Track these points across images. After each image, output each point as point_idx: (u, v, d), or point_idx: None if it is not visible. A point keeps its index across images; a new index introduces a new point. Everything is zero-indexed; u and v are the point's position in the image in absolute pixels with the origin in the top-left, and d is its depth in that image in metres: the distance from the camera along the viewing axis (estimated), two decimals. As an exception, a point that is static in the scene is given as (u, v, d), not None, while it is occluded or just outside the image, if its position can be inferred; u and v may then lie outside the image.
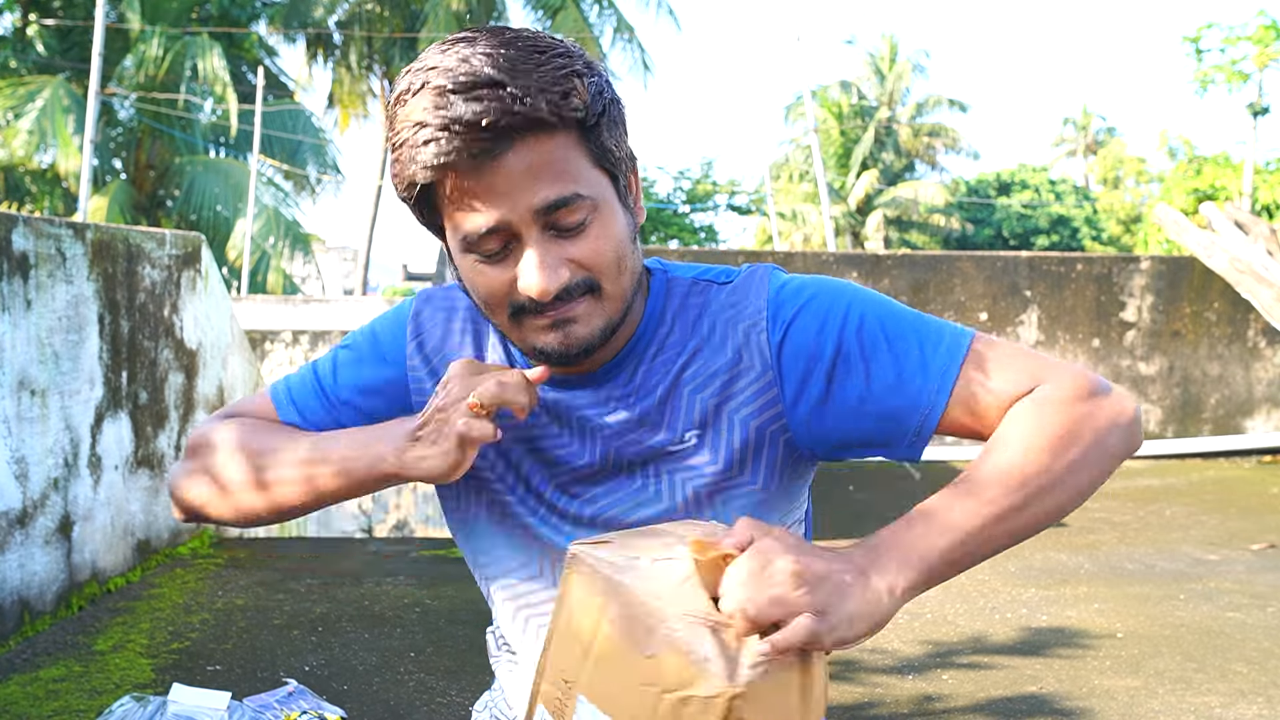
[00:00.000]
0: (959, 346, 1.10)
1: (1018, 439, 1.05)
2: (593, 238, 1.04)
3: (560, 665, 0.99)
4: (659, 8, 26.83)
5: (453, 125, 0.97)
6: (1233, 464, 8.25)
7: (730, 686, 0.90)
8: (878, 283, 8.45)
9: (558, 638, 0.99)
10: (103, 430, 4.37)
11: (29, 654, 3.63)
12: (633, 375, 1.15)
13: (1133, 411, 1.09)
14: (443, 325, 1.22)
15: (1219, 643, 3.88)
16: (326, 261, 37.62)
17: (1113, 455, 1.07)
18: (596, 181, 1.05)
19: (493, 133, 0.97)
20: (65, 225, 4.08)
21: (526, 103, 0.97)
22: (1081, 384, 1.08)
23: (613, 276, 1.07)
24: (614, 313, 1.09)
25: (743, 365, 1.12)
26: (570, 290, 1.05)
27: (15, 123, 20.64)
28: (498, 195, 1.00)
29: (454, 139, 0.98)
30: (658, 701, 0.92)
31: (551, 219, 1.02)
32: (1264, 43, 19.20)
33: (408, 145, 1.01)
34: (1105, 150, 43.58)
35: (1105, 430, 1.06)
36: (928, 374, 1.09)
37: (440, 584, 4.56)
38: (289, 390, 1.25)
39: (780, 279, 1.16)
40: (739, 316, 1.14)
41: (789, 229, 34.31)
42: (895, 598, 0.97)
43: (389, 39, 27.33)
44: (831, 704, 3.27)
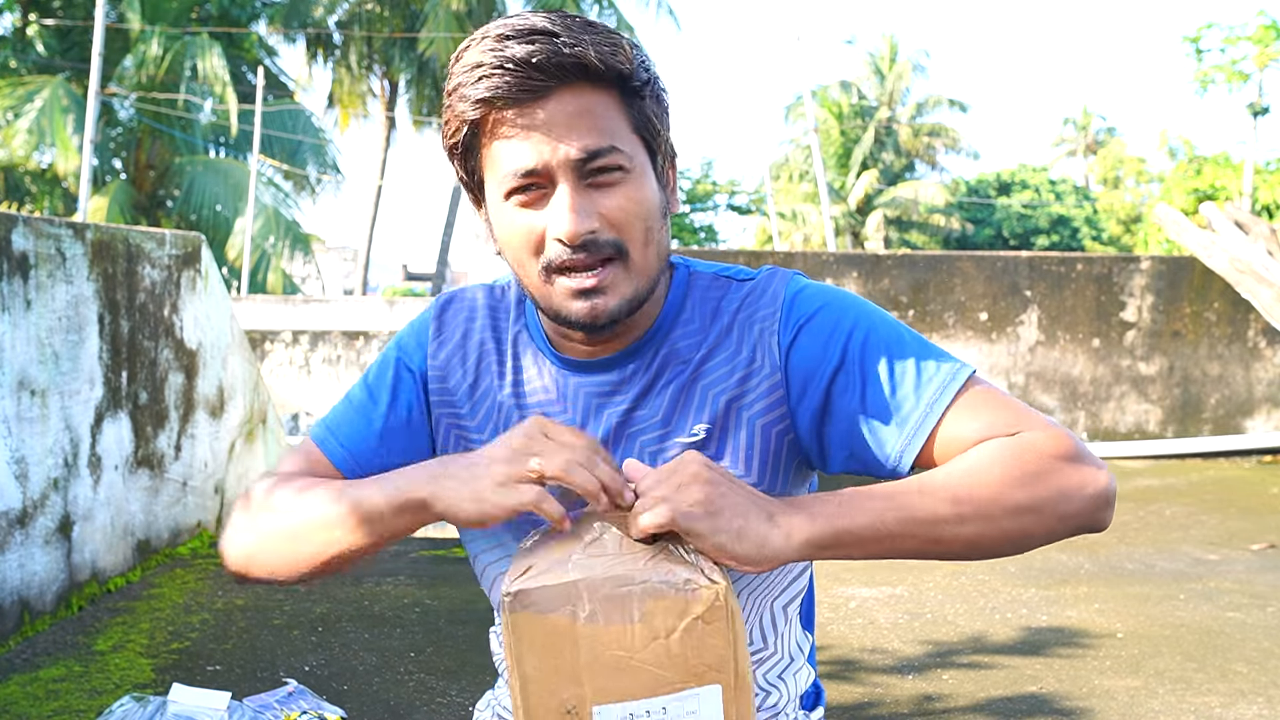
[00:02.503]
0: (954, 381, 1.11)
1: (978, 462, 1.06)
2: (624, 196, 1.08)
3: (550, 707, 0.99)
4: (659, 8, 26.82)
5: (507, 64, 1.04)
6: (1233, 464, 8.25)
7: (715, 587, 0.98)
8: (878, 283, 8.45)
9: (534, 686, 0.99)
10: (103, 430, 4.37)
11: (29, 654, 3.63)
12: (650, 363, 1.16)
13: (1104, 485, 1.07)
14: (464, 325, 1.24)
15: (1219, 643, 3.88)
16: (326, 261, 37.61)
17: (1065, 517, 1.06)
18: (634, 146, 1.09)
19: (543, 72, 1.04)
20: (65, 225, 4.08)
21: (577, 50, 1.04)
22: (1063, 444, 1.07)
23: (640, 244, 1.10)
24: (640, 286, 1.11)
25: (755, 365, 1.14)
26: (599, 245, 1.08)
27: (15, 123, 20.64)
28: (540, 136, 1.06)
29: (506, 74, 1.04)
30: (668, 648, 0.97)
31: (587, 168, 1.07)
32: (1264, 43, 19.20)
33: (462, 86, 1.07)
34: (1105, 150, 43.58)
35: (1067, 491, 1.05)
36: (920, 399, 1.10)
37: (440, 584, 4.56)
38: (326, 425, 1.25)
39: (799, 284, 1.18)
40: (755, 316, 1.16)
41: (789, 229, 34.32)
42: (792, 542, 1.02)
43: (389, 39, 27.33)
44: (831, 704, 3.27)
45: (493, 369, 1.21)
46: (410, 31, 26.90)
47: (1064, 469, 1.06)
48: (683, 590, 0.97)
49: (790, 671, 1.25)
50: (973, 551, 1.06)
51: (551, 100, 1.05)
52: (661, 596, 0.97)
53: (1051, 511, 1.05)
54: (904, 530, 1.03)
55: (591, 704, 0.98)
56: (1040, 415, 1.11)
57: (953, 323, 8.50)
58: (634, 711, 0.98)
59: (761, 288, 1.18)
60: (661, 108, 1.12)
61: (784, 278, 1.18)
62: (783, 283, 1.18)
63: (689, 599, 0.97)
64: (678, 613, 0.97)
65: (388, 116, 29.18)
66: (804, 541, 1.02)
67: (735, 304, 1.17)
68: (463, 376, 1.22)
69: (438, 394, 1.22)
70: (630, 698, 0.98)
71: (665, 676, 0.98)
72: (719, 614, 0.98)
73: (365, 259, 30.06)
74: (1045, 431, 1.08)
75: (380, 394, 1.23)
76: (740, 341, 1.15)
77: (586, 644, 0.98)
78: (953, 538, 1.04)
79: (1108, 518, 1.09)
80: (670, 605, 0.97)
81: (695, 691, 0.98)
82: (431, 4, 25.49)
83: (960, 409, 1.10)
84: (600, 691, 0.98)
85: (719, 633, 0.97)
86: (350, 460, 1.21)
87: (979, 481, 1.04)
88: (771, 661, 1.22)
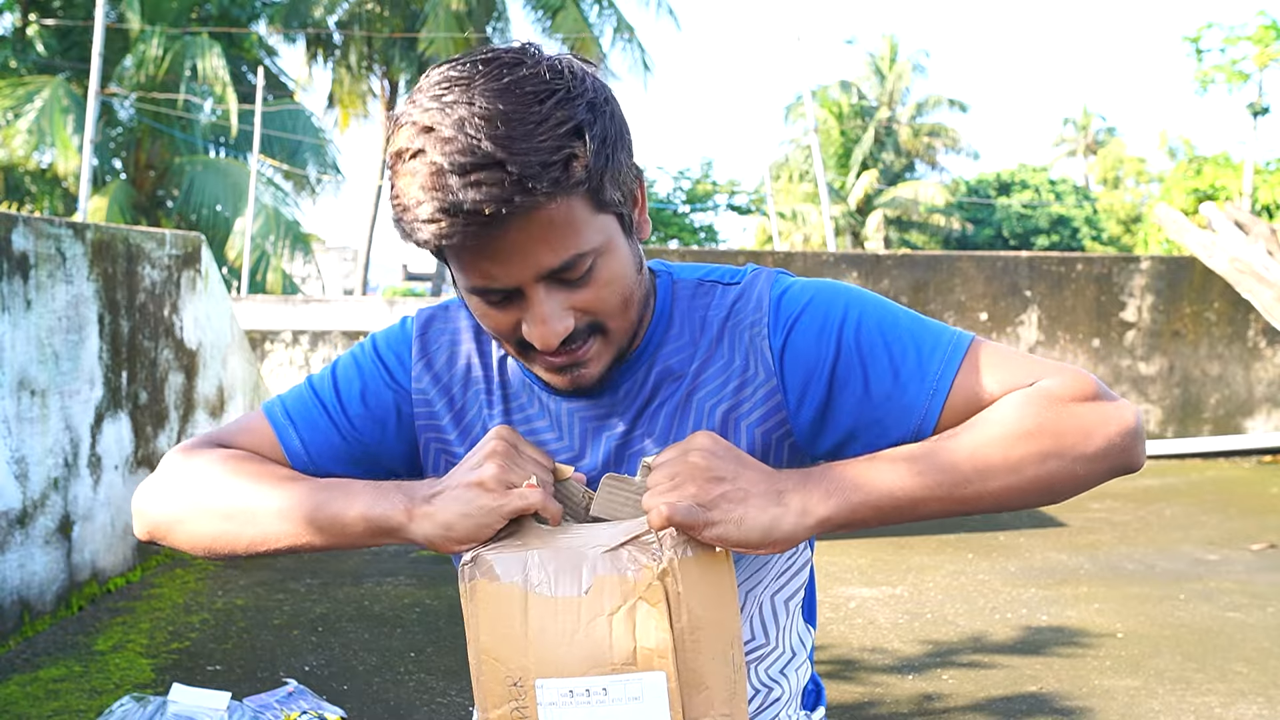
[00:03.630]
0: (957, 350, 1.09)
1: (995, 416, 1.04)
2: (597, 285, 1.04)
3: (499, 678, 0.99)
4: (659, 8, 26.81)
5: (451, 210, 0.95)
6: (1233, 464, 8.25)
7: (653, 568, 0.96)
8: (878, 283, 8.45)
9: (486, 658, 0.99)
10: (103, 430, 4.37)
11: (29, 654, 3.63)
12: (643, 382, 1.14)
13: (1132, 422, 1.05)
14: (448, 348, 1.20)
15: (1219, 643, 3.88)
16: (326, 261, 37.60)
17: (1092, 459, 1.04)
18: (600, 228, 1.03)
19: (494, 217, 0.96)
20: (65, 225, 4.07)
21: (527, 185, 0.95)
22: (1083, 385, 1.06)
23: (618, 315, 1.07)
24: (622, 344, 1.09)
25: (750, 373, 1.12)
26: (576, 335, 1.05)
27: (15, 123, 20.64)
28: (500, 264, 1.00)
29: (454, 223, 0.96)
30: (609, 628, 0.96)
31: (555, 276, 1.02)
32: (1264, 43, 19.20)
33: (408, 213, 0.99)
34: (1105, 150, 43.57)
35: (1089, 432, 1.04)
36: (924, 378, 1.08)
37: (440, 584, 4.56)
38: (286, 410, 1.19)
39: (783, 284, 1.15)
40: (743, 323, 1.13)
41: (789, 229, 34.31)
42: (807, 521, 0.99)
43: (389, 39, 27.33)
44: (831, 704, 3.27)
45: (481, 396, 1.18)
46: (410, 31, 26.89)
47: (1083, 410, 1.04)
48: (628, 567, 0.96)
49: (791, 667, 1.24)
50: (1001, 506, 1.04)
51: (511, 229, 0.97)
52: (609, 572, 0.97)
53: (1076, 454, 1.03)
54: (926, 494, 1.02)
55: (535, 676, 0.97)
56: (1054, 362, 1.09)
57: (953, 323, 8.50)
58: (574, 688, 0.97)
59: (747, 292, 1.14)
60: (624, 161, 1.04)
61: (768, 279, 1.15)
62: (767, 284, 1.14)
63: (633, 577, 0.96)
64: (622, 591, 0.96)
65: (388, 116, 29.18)
66: (820, 520, 1.00)
67: (723, 312, 1.14)
68: (449, 402, 1.18)
69: (424, 417, 1.19)
70: (571, 673, 0.97)
71: (607, 655, 0.96)
72: (658, 595, 0.96)
73: (365, 259, 30.06)
74: (1061, 376, 1.06)
75: (350, 399, 1.19)
76: (732, 350, 1.13)
77: (535, 613, 0.97)
78: (976, 496, 1.03)
79: (1138, 454, 1.06)
80: (616, 582, 0.96)
81: (638, 676, 0.96)
82: (431, 4, 25.48)
83: (969, 373, 1.08)
84: (543, 664, 0.97)
85: (660, 615, 0.96)
86: (305, 457, 1.18)
87: (998, 435, 1.02)
88: (773, 657, 1.21)
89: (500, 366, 1.18)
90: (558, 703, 0.97)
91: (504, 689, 0.99)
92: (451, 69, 1.00)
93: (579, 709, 0.97)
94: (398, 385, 1.19)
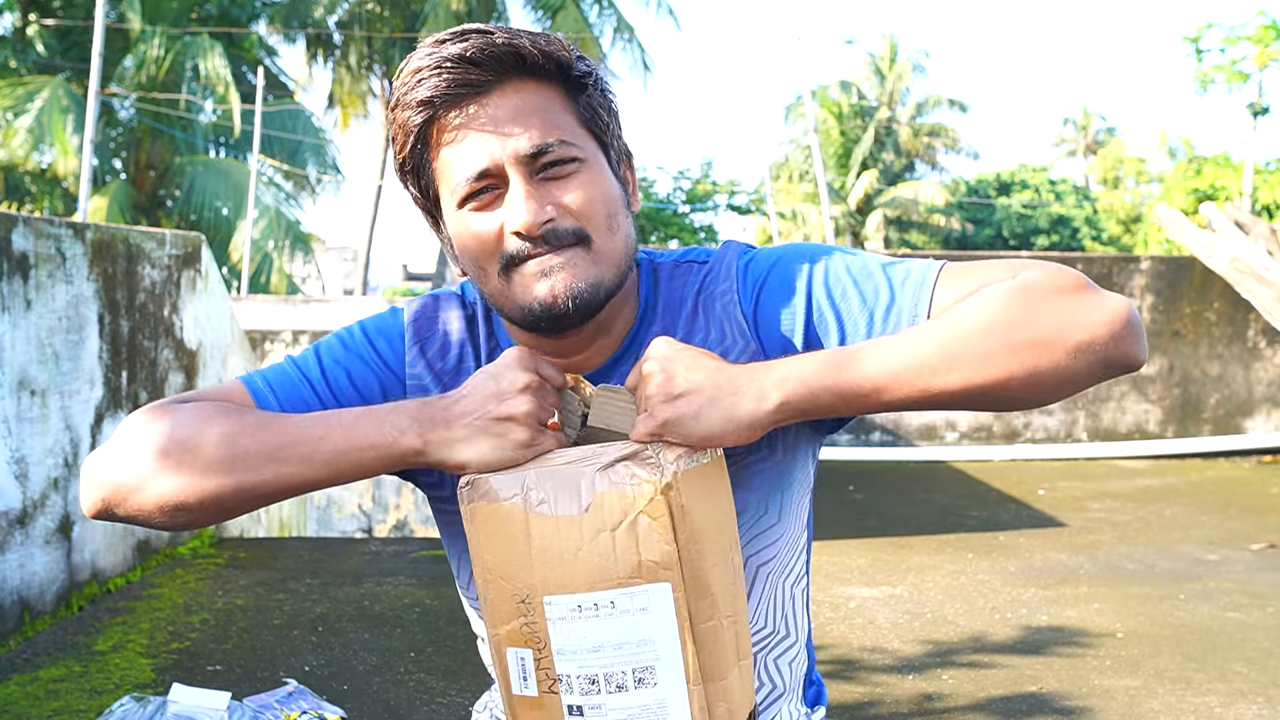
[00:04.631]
0: (927, 275, 1.06)
1: (971, 306, 0.99)
2: (580, 185, 1.07)
3: (506, 595, 1.01)
4: (659, 8, 26.80)
5: (444, 64, 1.03)
6: (1233, 464, 8.25)
7: (654, 482, 0.97)
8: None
9: (492, 577, 1.01)
10: (103, 430, 4.37)
11: (29, 654, 3.63)
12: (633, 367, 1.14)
13: (1123, 310, 0.98)
14: (441, 337, 1.20)
15: (1219, 643, 3.88)
16: (326, 261, 37.59)
17: (1079, 349, 0.97)
18: (584, 139, 1.08)
19: (480, 66, 1.03)
20: (65, 225, 4.07)
21: (512, 42, 1.03)
22: (1066, 276, 1.00)
23: (602, 231, 1.07)
24: (607, 275, 1.08)
25: (729, 341, 1.12)
26: (559, 233, 1.05)
27: (14, 123, 20.64)
28: (486, 135, 1.04)
29: (443, 73, 1.03)
30: (612, 543, 0.98)
31: (539, 162, 1.05)
32: (1264, 43, 19.19)
33: (403, 95, 1.07)
34: (1105, 150, 43.56)
35: (1075, 320, 0.97)
36: (900, 310, 1.06)
37: (440, 584, 4.56)
38: (267, 381, 1.14)
39: (749, 252, 1.16)
40: (714, 294, 1.14)
41: (789, 229, 34.30)
42: (765, 404, 0.99)
43: (389, 39, 27.33)
44: (831, 704, 3.27)
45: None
46: (410, 31, 26.89)
47: (1068, 298, 0.98)
48: (626, 483, 0.97)
49: (795, 654, 1.24)
50: (976, 399, 0.99)
51: (493, 96, 1.04)
52: (608, 488, 0.98)
53: (1059, 343, 0.96)
54: (890, 381, 0.98)
55: (542, 593, 0.99)
56: (1034, 259, 1.06)
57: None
58: (582, 603, 0.98)
59: (717, 266, 1.16)
60: (608, 106, 1.11)
61: (735, 250, 1.17)
62: (735, 254, 1.16)
63: (633, 492, 0.97)
64: (622, 506, 0.97)
65: (388, 117, 29.16)
66: (779, 403, 0.99)
67: (697, 288, 1.16)
68: (443, 389, 1.17)
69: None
70: (578, 589, 0.98)
71: (613, 570, 0.98)
72: (660, 509, 0.97)
73: (365, 259, 30.06)
74: (1043, 269, 1.00)
75: (336, 378, 1.16)
76: (708, 323, 1.14)
77: (537, 532, 0.98)
78: (944, 386, 0.98)
79: (1134, 348, 0.98)
80: (616, 498, 0.98)
81: (644, 588, 0.98)
82: (431, 4, 25.49)
83: (946, 287, 1.04)
84: (550, 581, 0.99)
85: (663, 529, 0.97)
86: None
87: (972, 324, 0.98)
88: (783, 646, 1.20)
89: (492, 357, 1.19)
90: (566, 617, 0.99)
91: (512, 605, 1.00)
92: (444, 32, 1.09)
93: (588, 623, 0.99)
94: (388, 370, 1.18)
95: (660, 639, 0.99)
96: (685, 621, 0.99)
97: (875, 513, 6.33)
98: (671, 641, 0.99)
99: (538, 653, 1.00)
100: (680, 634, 0.99)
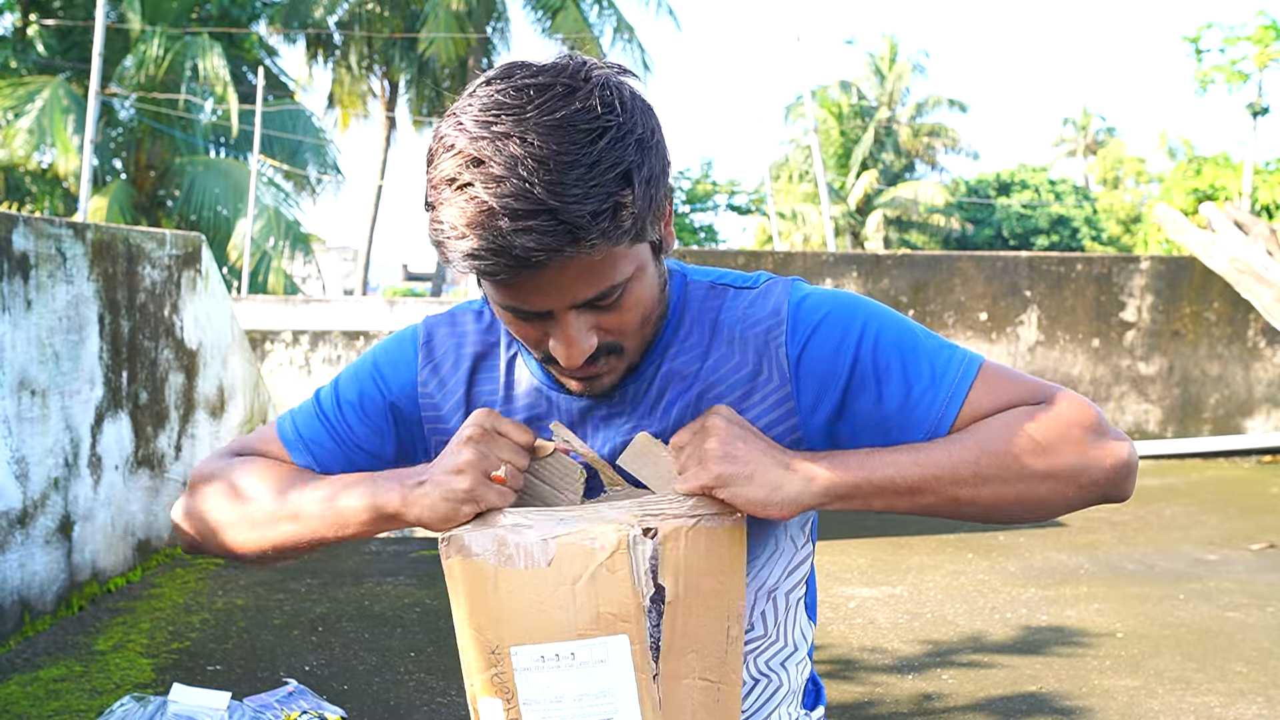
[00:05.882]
0: (969, 370, 1.12)
1: (1001, 427, 1.08)
2: (624, 309, 1.06)
3: (480, 646, 1.05)
4: (659, 8, 26.81)
5: (500, 251, 0.95)
6: (1233, 464, 8.25)
7: (619, 535, 1.02)
8: (877, 283, 8.45)
9: (466, 629, 1.05)
10: (103, 430, 4.37)
11: (29, 654, 3.63)
12: (651, 381, 1.15)
13: (1127, 458, 1.09)
14: (454, 354, 1.22)
15: (1219, 643, 3.88)
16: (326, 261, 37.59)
17: (1084, 486, 1.08)
18: (634, 258, 1.03)
19: (541, 263, 0.96)
20: (65, 225, 4.08)
21: (577, 235, 0.94)
22: (1085, 414, 1.10)
23: (636, 334, 1.09)
24: (636, 357, 1.12)
25: (762, 377, 1.13)
26: (597, 353, 1.07)
27: (15, 123, 20.64)
28: (538, 295, 1.01)
29: (500, 263, 0.95)
30: (574, 594, 1.02)
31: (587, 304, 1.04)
32: (1264, 43, 19.20)
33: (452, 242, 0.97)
34: (1105, 150, 43.56)
35: (1088, 461, 1.08)
36: (937, 396, 1.11)
37: (440, 584, 4.56)
38: (296, 428, 1.25)
39: (802, 291, 1.16)
40: (758, 325, 1.14)
41: (789, 229, 34.30)
42: (812, 487, 1.06)
43: (389, 39, 27.33)
44: (831, 704, 3.28)
45: (486, 398, 1.20)
46: (410, 31, 26.89)
47: (1085, 438, 1.08)
48: (589, 537, 1.02)
49: (792, 661, 1.24)
50: (992, 514, 1.09)
51: (551, 267, 0.97)
52: (571, 543, 1.02)
53: (1070, 480, 1.08)
54: (924, 486, 1.06)
55: (510, 644, 1.03)
56: (1061, 387, 1.13)
57: (952, 323, 8.51)
58: (545, 653, 1.03)
59: (764, 297, 1.15)
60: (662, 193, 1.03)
61: (785, 286, 1.16)
62: (785, 291, 1.15)
63: (594, 546, 1.02)
64: (583, 559, 1.02)
65: (388, 116, 29.18)
66: (824, 488, 1.06)
67: (735, 314, 1.15)
68: (456, 405, 1.20)
69: (431, 420, 1.22)
70: (542, 640, 1.02)
71: (573, 621, 1.02)
72: (622, 563, 1.01)
73: (365, 259, 30.07)
74: (1068, 401, 1.10)
75: (350, 412, 1.23)
76: (744, 353, 1.14)
77: (505, 586, 1.03)
78: (971, 498, 1.07)
79: (1129, 487, 1.11)
80: (577, 552, 1.02)
81: (603, 640, 1.02)
82: (431, 4, 25.49)
83: (980, 393, 1.11)
84: (516, 632, 1.03)
85: (624, 581, 1.01)
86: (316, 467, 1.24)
87: (1001, 447, 1.07)
88: (773, 649, 1.22)
89: (509, 368, 1.20)
90: (531, 668, 1.03)
91: (485, 657, 1.05)
92: (501, 93, 0.97)
93: (551, 673, 1.03)
94: (395, 392, 1.22)
95: (619, 691, 1.02)
96: (645, 675, 1.02)
97: (881, 516, 6.34)
98: (629, 694, 1.02)
99: (506, 703, 1.04)
100: (639, 687, 1.02)
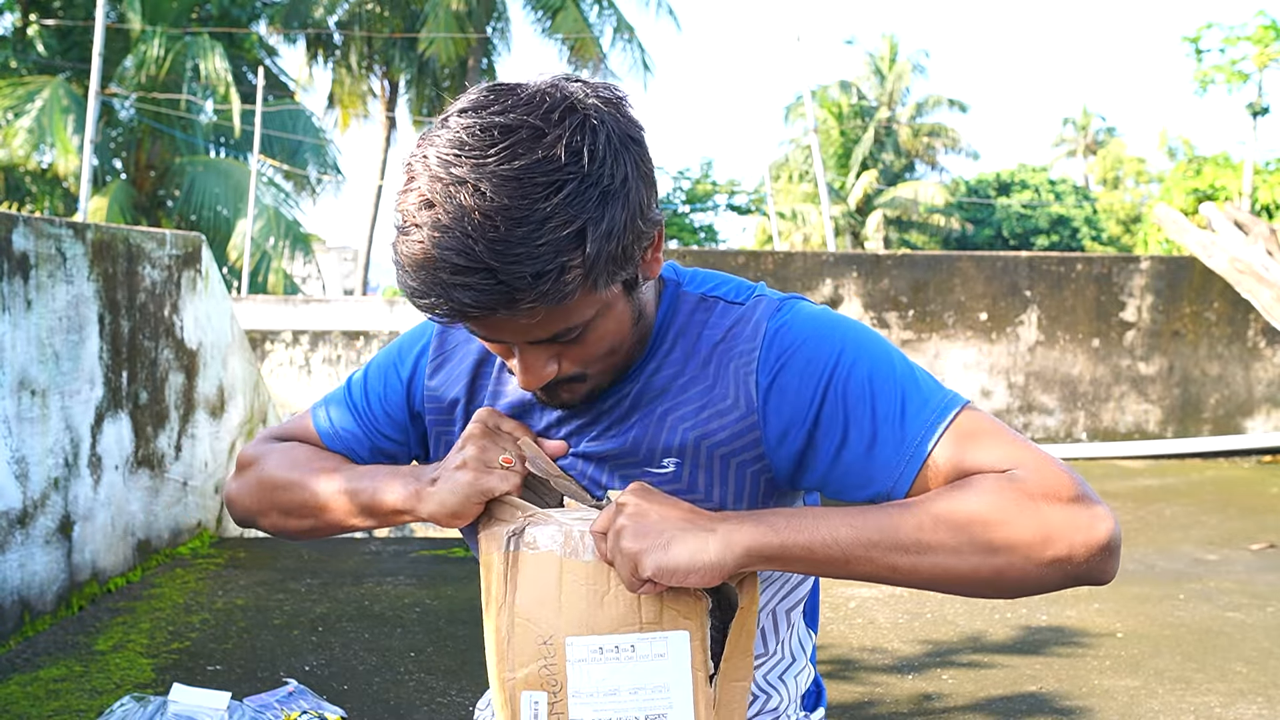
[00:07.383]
0: (943, 415, 1.05)
1: (957, 495, 1.00)
2: (586, 344, 1.06)
3: (531, 637, 1.06)
4: (659, 8, 26.82)
5: (440, 298, 0.96)
6: (1233, 464, 8.25)
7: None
8: (877, 283, 8.45)
9: (519, 620, 1.06)
10: (103, 430, 4.37)
11: (29, 654, 3.63)
12: (627, 394, 1.13)
13: (1102, 536, 0.98)
14: (463, 349, 1.23)
15: (1219, 643, 3.88)
16: (326, 261, 37.59)
17: (1050, 563, 0.98)
18: (595, 301, 1.02)
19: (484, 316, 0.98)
20: (65, 225, 4.08)
21: (514, 297, 0.94)
22: (1057, 483, 1.00)
23: (601, 362, 1.09)
24: (604, 380, 1.12)
25: (730, 402, 1.10)
26: (557, 381, 1.09)
27: (15, 123, 20.64)
28: (490, 329, 1.03)
29: (440, 308, 0.97)
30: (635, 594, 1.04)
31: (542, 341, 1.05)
32: (1264, 43, 19.21)
33: (404, 276, 0.99)
34: (1105, 150, 43.57)
35: (1051, 535, 0.98)
36: (904, 442, 1.05)
37: (440, 584, 4.56)
38: (329, 415, 1.31)
39: (781, 317, 1.12)
40: (734, 350, 1.11)
41: (789, 229, 34.31)
42: (732, 551, 1.01)
43: (389, 39, 27.33)
44: (831, 704, 3.28)
45: (481, 394, 1.22)
46: (410, 31, 26.90)
47: (1050, 510, 0.98)
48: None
49: (791, 673, 1.24)
50: (937, 585, 1.01)
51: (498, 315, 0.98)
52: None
53: (1028, 555, 0.98)
54: (858, 553, 1.00)
55: (565, 635, 1.04)
56: (1041, 452, 1.03)
57: (952, 323, 8.51)
58: (603, 645, 1.04)
59: (745, 320, 1.12)
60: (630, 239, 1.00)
61: (769, 309, 1.12)
62: (766, 314, 1.12)
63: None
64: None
65: (388, 116, 29.19)
66: (745, 550, 1.01)
67: (717, 334, 1.12)
68: (459, 399, 1.22)
69: (434, 413, 1.23)
70: (602, 631, 1.04)
71: (636, 615, 1.04)
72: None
73: (365, 259, 30.07)
74: (1040, 470, 1.00)
75: (375, 403, 1.28)
76: (716, 376, 1.10)
77: (569, 578, 1.05)
78: (911, 568, 0.99)
79: (1107, 570, 1.00)
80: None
81: (664, 634, 1.03)
82: (431, 4, 25.50)
83: (949, 444, 1.04)
84: (575, 623, 1.04)
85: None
86: (347, 454, 1.31)
87: (948, 514, 0.99)
88: (772, 663, 1.22)
89: (499, 376, 1.22)
90: (586, 659, 1.04)
91: (535, 648, 1.05)
92: (468, 130, 0.96)
93: (607, 665, 1.04)
94: (409, 386, 1.26)
95: (675, 687, 1.03)
96: (702, 673, 1.04)
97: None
98: (684, 690, 1.03)
99: (552, 696, 1.04)
100: (694, 685, 1.03)
